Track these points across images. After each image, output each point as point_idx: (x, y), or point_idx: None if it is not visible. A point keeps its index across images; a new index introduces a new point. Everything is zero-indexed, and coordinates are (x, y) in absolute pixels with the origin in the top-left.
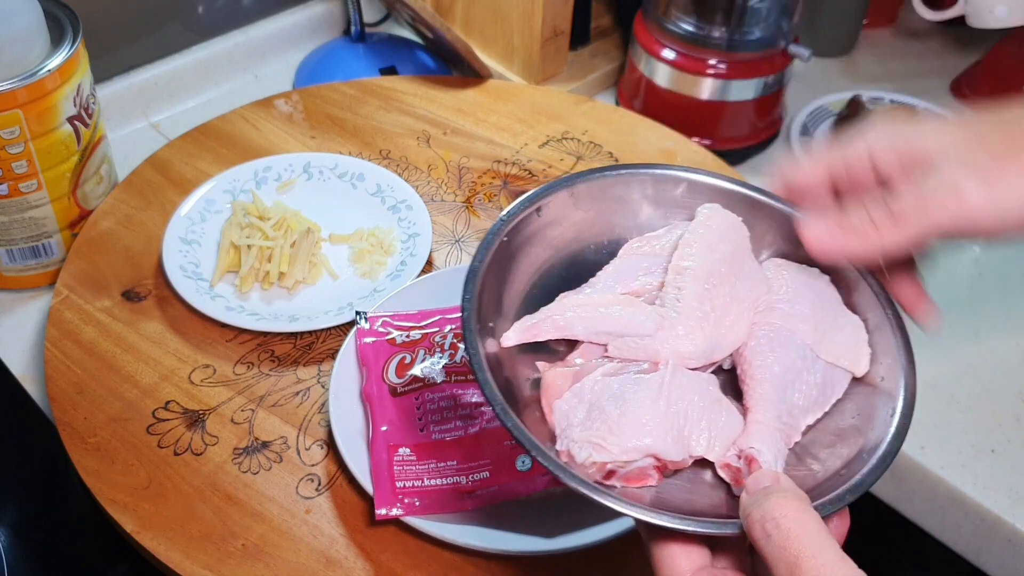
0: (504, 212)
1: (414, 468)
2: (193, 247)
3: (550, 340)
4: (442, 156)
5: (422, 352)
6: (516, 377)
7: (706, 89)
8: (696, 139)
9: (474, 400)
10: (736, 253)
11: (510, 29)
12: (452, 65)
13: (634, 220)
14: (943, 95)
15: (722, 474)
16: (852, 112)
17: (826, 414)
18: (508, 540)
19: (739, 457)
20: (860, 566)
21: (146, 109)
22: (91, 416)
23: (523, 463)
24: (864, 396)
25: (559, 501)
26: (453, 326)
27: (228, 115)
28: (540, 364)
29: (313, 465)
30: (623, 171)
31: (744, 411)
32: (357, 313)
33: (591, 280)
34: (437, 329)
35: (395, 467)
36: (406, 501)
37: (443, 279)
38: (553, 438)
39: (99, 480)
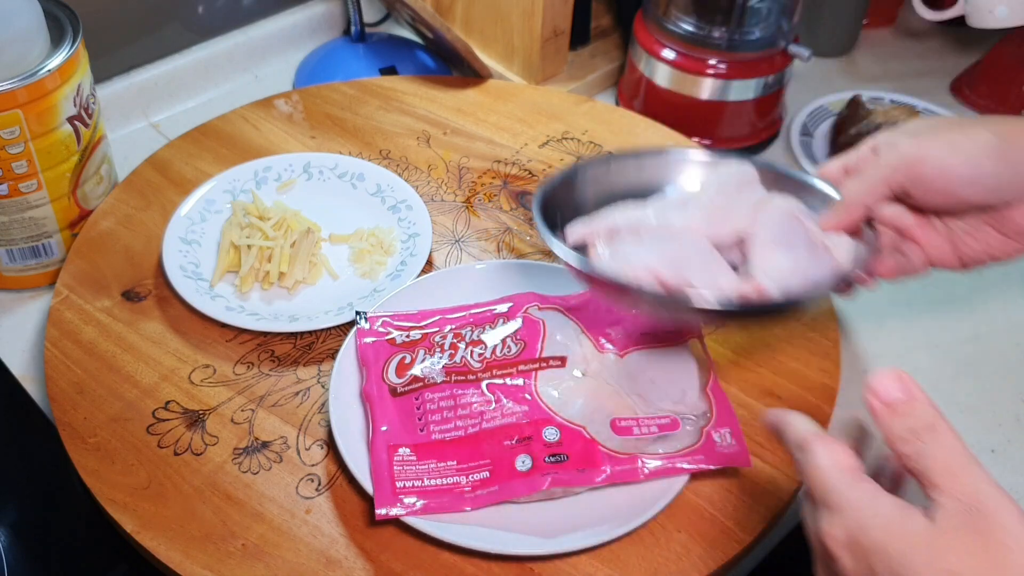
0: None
1: (414, 468)
2: (193, 247)
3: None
4: (442, 156)
5: (422, 352)
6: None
7: (706, 89)
8: (696, 139)
9: (474, 400)
10: (745, 184)
11: (510, 29)
12: (452, 65)
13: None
14: (943, 95)
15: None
16: (852, 112)
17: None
18: (508, 540)
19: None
20: None
21: (146, 109)
22: (91, 416)
23: (523, 463)
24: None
25: (559, 501)
26: (453, 326)
27: (228, 115)
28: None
29: (313, 465)
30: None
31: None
32: (357, 313)
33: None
34: (437, 329)
35: (395, 467)
36: (406, 501)
37: (443, 279)
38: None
39: (99, 480)
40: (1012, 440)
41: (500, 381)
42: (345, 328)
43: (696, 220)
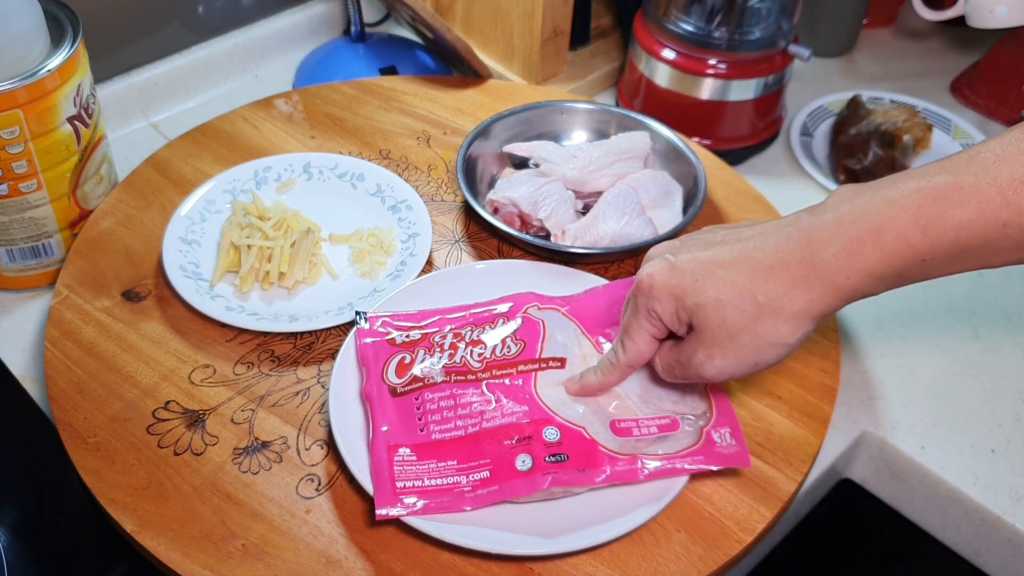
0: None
1: (414, 468)
2: (193, 247)
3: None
4: (442, 156)
5: (422, 352)
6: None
7: (706, 89)
8: (696, 139)
9: (474, 400)
10: (630, 152)
11: (510, 29)
12: (452, 65)
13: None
14: (943, 95)
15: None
16: (852, 112)
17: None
18: (508, 540)
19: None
20: (860, 566)
21: (146, 109)
22: (91, 416)
23: (523, 463)
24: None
25: (559, 501)
26: (453, 326)
27: (228, 115)
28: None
29: (313, 465)
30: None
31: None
32: (357, 313)
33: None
34: (437, 329)
35: (395, 467)
36: (406, 501)
37: (443, 279)
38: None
39: (99, 480)
40: (1012, 440)
41: (500, 381)
42: (345, 328)
43: (573, 171)
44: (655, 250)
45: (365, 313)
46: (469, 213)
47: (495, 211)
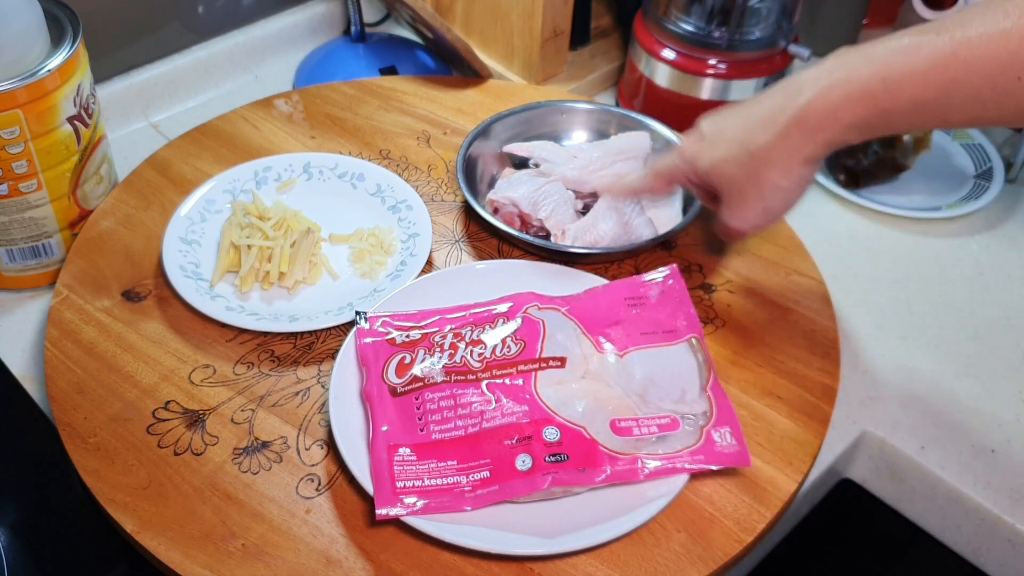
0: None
1: (414, 468)
2: (193, 247)
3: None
4: (442, 156)
5: (422, 352)
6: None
7: (706, 89)
8: None
9: (474, 400)
10: (630, 152)
11: (510, 29)
12: (452, 65)
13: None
14: None
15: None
16: None
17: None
18: (508, 540)
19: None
20: (860, 566)
21: (146, 109)
22: (91, 416)
23: (523, 462)
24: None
25: (559, 501)
26: (453, 326)
27: (228, 115)
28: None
29: (313, 465)
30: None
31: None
32: (357, 313)
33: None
34: (437, 329)
35: (395, 467)
36: (406, 501)
37: (443, 279)
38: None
39: (99, 480)
40: (1012, 440)
41: (500, 381)
42: (345, 328)
43: (573, 171)
44: (701, 121)
45: (365, 313)
46: (469, 213)
47: (495, 211)
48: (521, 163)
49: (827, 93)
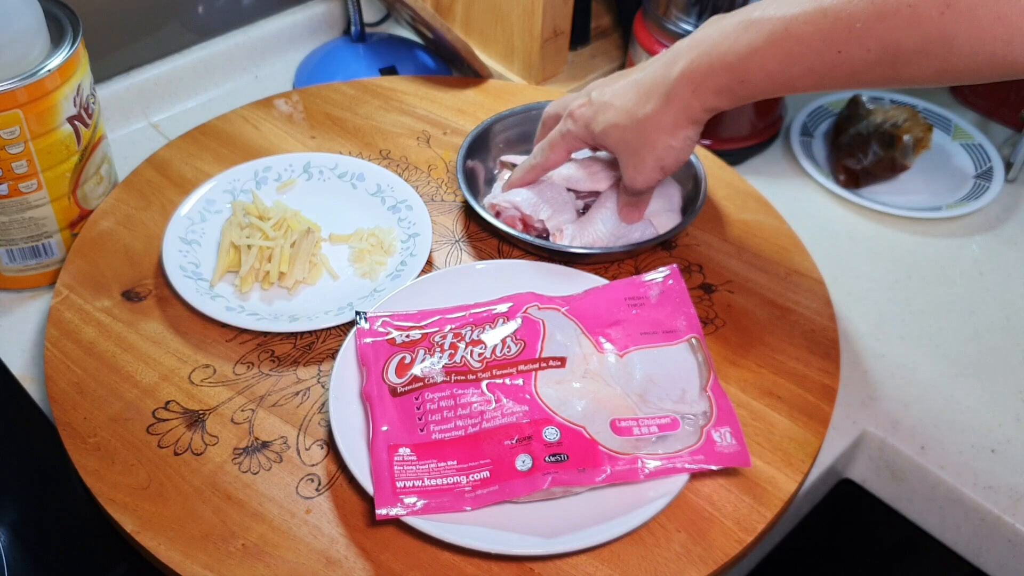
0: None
1: (414, 468)
2: (193, 247)
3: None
4: (442, 156)
5: (422, 352)
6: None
7: None
8: None
9: (474, 400)
10: None
11: (510, 29)
12: (452, 65)
13: None
14: (943, 95)
15: None
16: (852, 112)
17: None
18: (508, 540)
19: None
20: (860, 566)
21: (146, 109)
22: (91, 416)
23: (523, 463)
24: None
25: (559, 501)
26: (453, 326)
27: (228, 115)
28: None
29: (313, 465)
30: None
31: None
32: (357, 313)
33: None
34: (437, 329)
35: (395, 467)
36: (406, 501)
37: (443, 279)
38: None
39: (99, 480)
40: (1012, 440)
41: (500, 381)
42: (345, 328)
43: (572, 170)
44: (589, 86)
45: (365, 313)
46: (469, 213)
47: (497, 214)
48: None
49: (696, 64)
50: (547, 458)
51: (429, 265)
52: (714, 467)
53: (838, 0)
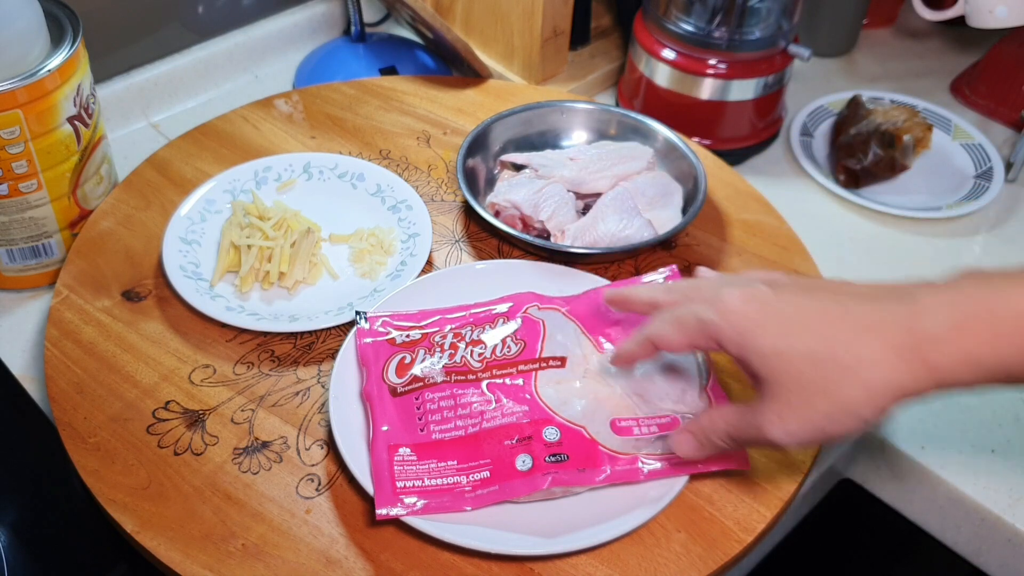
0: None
1: (414, 468)
2: (193, 247)
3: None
4: (442, 156)
5: (422, 352)
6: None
7: (706, 89)
8: (696, 139)
9: (474, 400)
10: (630, 156)
11: (510, 29)
12: (452, 65)
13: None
14: (943, 95)
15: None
16: (852, 112)
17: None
18: (508, 540)
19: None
20: (860, 566)
21: (146, 109)
22: (91, 416)
23: (523, 463)
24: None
25: (559, 501)
26: (453, 326)
27: (228, 115)
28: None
29: (313, 465)
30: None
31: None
32: (357, 313)
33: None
34: (437, 329)
35: (395, 467)
36: (406, 501)
37: (443, 279)
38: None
39: (99, 480)
40: (1012, 440)
41: (500, 381)
42: (345, 328)
43: (573, 171)
44: (752, 273)
45: (365, 313)
46: (469, 213)
47: (496, 214)
48: (521, 165)
49: (967, 322)
50: (547, 458)
51: (429, 265)
52: (714, 468)
53: None
